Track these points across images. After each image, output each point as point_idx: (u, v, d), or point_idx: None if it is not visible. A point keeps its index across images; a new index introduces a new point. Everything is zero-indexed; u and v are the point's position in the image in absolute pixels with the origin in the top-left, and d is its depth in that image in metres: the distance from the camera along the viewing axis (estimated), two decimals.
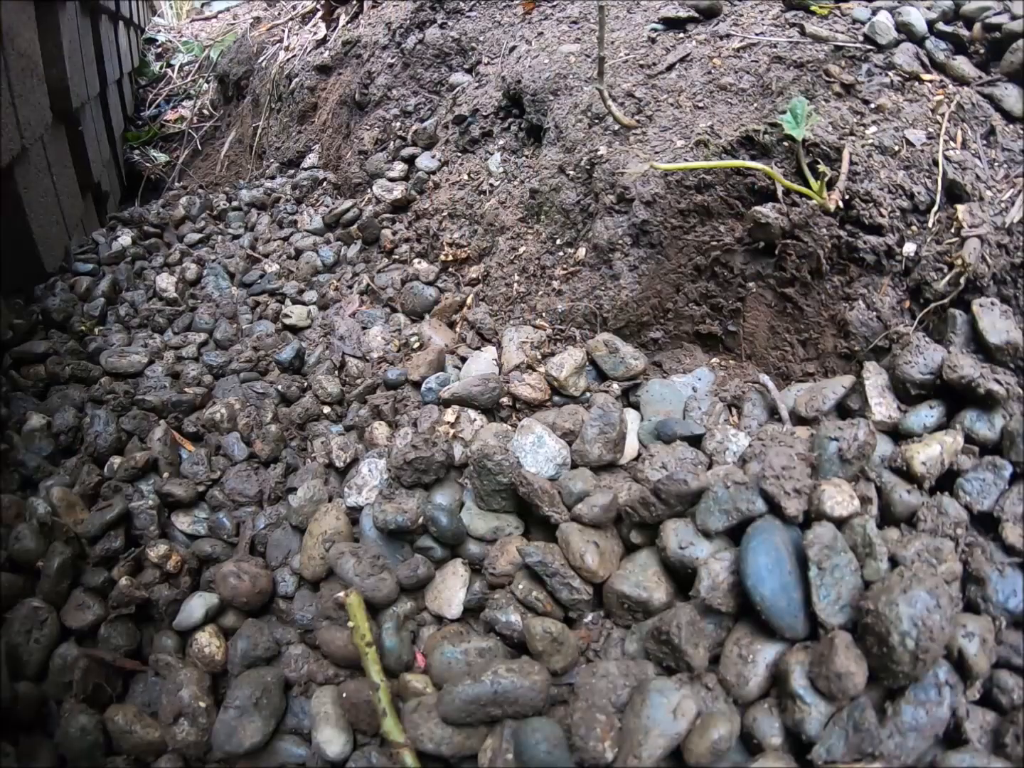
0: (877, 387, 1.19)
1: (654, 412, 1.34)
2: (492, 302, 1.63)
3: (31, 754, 1.07)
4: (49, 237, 2.06)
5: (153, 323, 1.90)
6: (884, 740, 0.83)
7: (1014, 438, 1.07)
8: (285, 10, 3.58)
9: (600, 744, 0.87)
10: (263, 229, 2.34)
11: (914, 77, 1.39)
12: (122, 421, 1.51)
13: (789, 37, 1.50)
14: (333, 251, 2.11)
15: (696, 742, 0.86)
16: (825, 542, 0.92)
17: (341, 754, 1.02)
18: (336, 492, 1.34)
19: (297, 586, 1.24)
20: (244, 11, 4.44)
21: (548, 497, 1.13)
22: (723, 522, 1.01)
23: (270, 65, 3.16)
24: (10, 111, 1.79)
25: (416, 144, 2.22)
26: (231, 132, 3.42)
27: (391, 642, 1.08)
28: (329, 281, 2.01)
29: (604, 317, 1.45)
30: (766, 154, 1.39)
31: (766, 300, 1.42)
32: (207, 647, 1.16)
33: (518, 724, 0.93)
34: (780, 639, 0.93)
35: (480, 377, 1.39)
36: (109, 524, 1.27)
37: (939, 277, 1.24)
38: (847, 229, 1.31)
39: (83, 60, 2.68)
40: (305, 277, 2.05)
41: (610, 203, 1.45)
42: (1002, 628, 0.95)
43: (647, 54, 1.65)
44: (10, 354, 1.66)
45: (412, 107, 2.35)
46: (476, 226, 1.82)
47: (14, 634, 1.14)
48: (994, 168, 1.30)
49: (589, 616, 1.09)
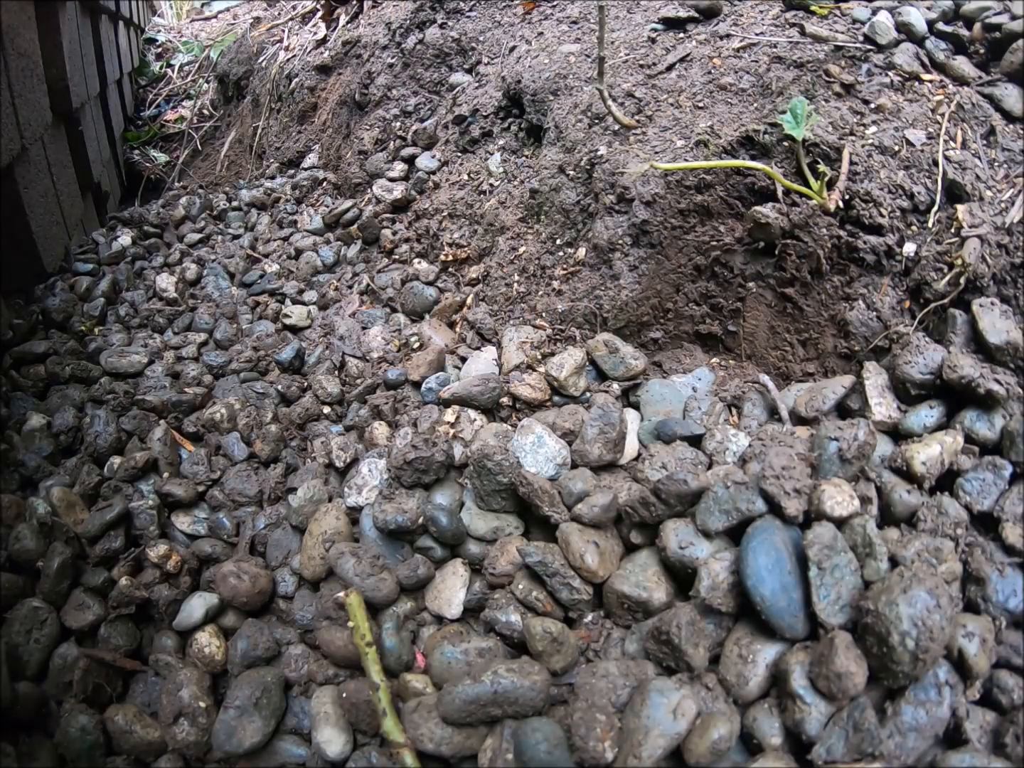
0: (877, 387, 1.19)
1: (654, 412, 1.34)
2: (492, 302, 1.63)
3: (31, 754, 1.08)
4: (49, 237, 2.06)
5: (153, 323, 1.90)
6: (884, 740, 0.83)
7: (1014, 438, 1.07)
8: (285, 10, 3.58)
9: (600, 744, 0.87)
10: (263, 229, 2.34)
11: (914, 77, 1.39)
12: (122, 421, 1.51)
13: (789, 37, 1.50)
14: (333, 251, 2.11)
15: (696, 742, 0.86)
16: (825, 542, 0.92)
17: (341, 754, 1.02)
18: (336, 492, 1.34)
19: (297, 586, 1.24)
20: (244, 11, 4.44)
21: (548, 497, 1.13)
22: (723, 522, 1.01)
23: (270, 65, 3.17)
24: (10, 111, 1.79)
25: (416, 144, 2.22)
26: (231, 132, 3.42)
27: (391, 642, 1.08)
28: (329, 281, 2.01)
29: (604, 317, 1.45)
30: (766, 154, 1.39)
31: (766, 300, 1.42)
32: (207, 647, 1.16)
33: (518, 724, 0.93)
34: (780, 639, 0.93)
35: (480, 377, 1.39)
36: (109, 524, 1.27)
37: (939, 277, 1.24)
38: (847, 229, 1.31)
39: (83, 60, 2.68)
40: (305, 277, 2.05)
41: (610, 203, 1.45)
42: (1002, 628, 0.96)
43: (647, 54, 1.65)
44: (10, 354, 1.66)
45: (412, 107, 2.35)
46: (476, 226, 1.82)
47: (14, 634, 1.14)
48: (994, 168, 1.30)
49: (589, 616, 1.09)
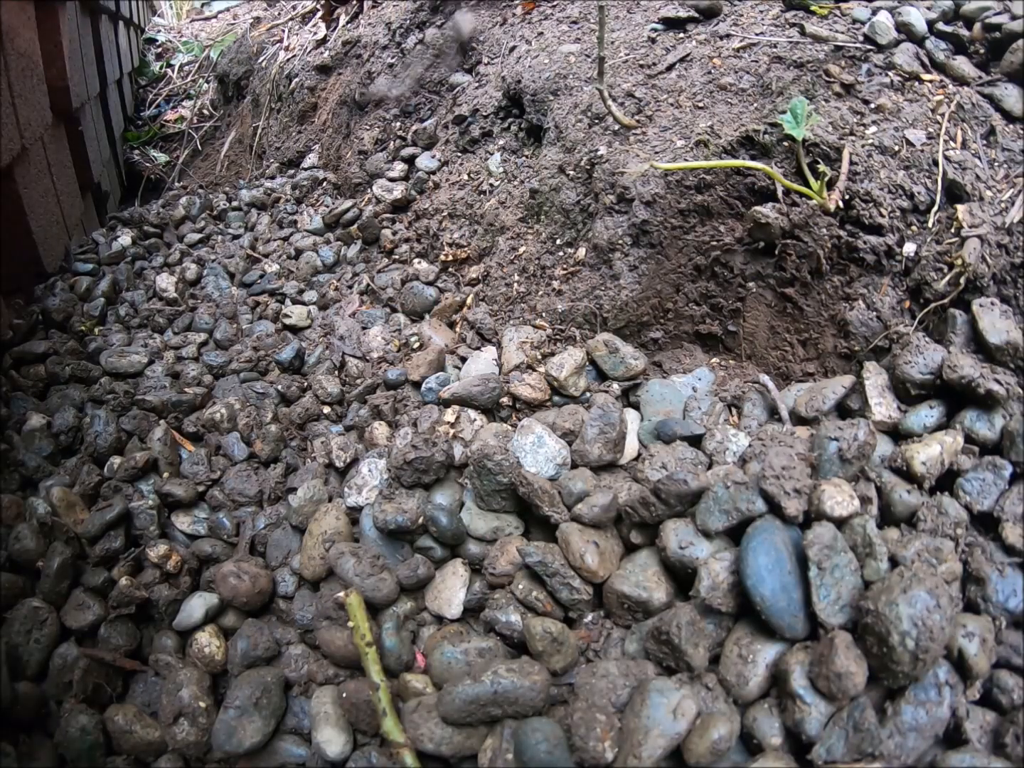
0: (877, 387, 1.19)
1: (654, 412, 1.34)
2: (492, 302, 1.63)
3: (31, 754, 1.08)
4: (49, 237, 2.06)
5: (153, 323, 1.90)
6: (884, 740, 0.83)
7: (1014, 438, 1.07)
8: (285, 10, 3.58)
9: (600, 744, 0.87)
10: (263, 229, 2.34)
11: (914, 77, 1.39)
12: (122, 421, 1.51)
13: (789, 37, 1.50)
14: (333, 251, 2.11)
15: (696, 742, 0.86)
16: (825, 542, 0.92)
17: (341, 754, 1.02)
18: (336, 492, 1.34)
19: (297, 586, 1.24)
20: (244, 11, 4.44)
21: (548, 497, 1.13)
22: (723, 522, 1.01)
23: (270, 65, 3.17)
24: (10, 111, 1.79)
25: (416, 144, 2.22)
26: (231, 132, 3.42)
27: (391, 642, 1.08)
28: (329, 281, 2.01)
29: (604, 317, 1.45)
30: (766, 154, 1.39)
31: (766, 300, 1.42)
32: (207, 647, 1.16)
33: (518, 724, 0.93)
34: (780, 639, 0.93)
35: (480, 377, 1.39)
36: (109, 524, 1.27)
37: (939, 277, 1.24)
38: (847, 229, 1.31)
39: (83, 60, 2.68)
40: (305, 277, 2.05)
41: (610, 203, 1.45)
42: (1002, 628, 0.95)
43: (647, 54, 1.65)
44: (10, 354, 1.66)
45: (412, 107, 2.35)
46: (476, 226, 1.82)
47: (14, 634, 1.14)
48: (994, 168, 1.30)
49: (589, 616, 1.09)
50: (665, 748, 0.86)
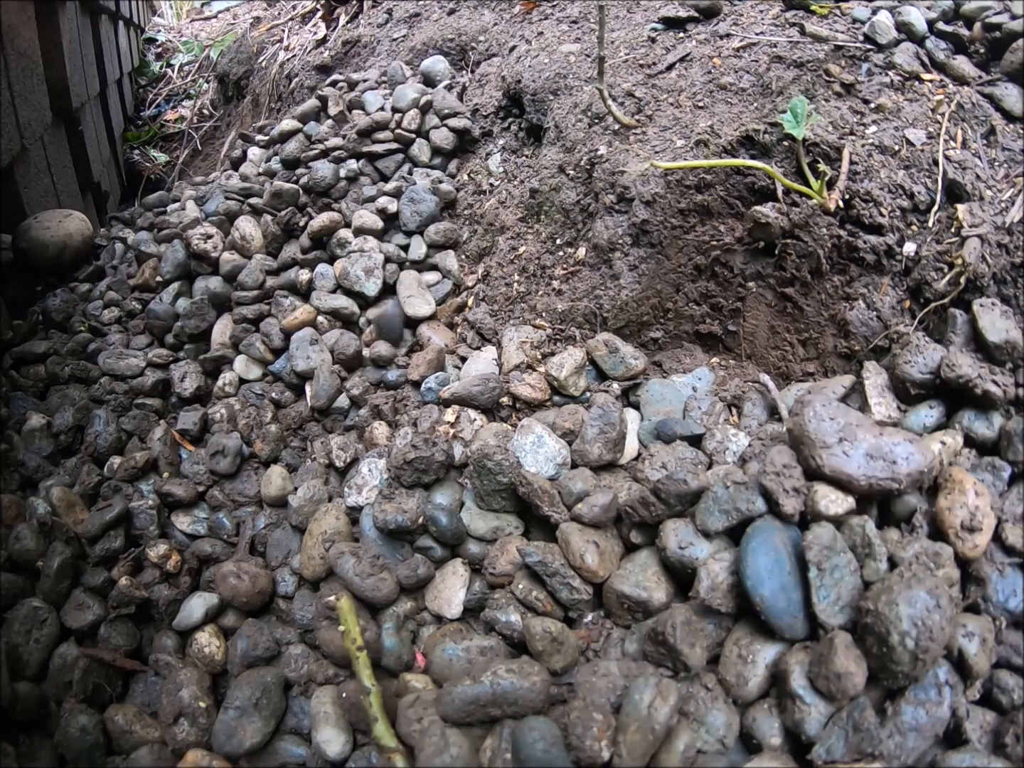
0: (877, 387, 1.19)
1: (654, 412, 1.34)
2: (492, 302, 1.62)
3: (31, 754, 1.08)
4: None
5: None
6: (884, 740, 0.83)
7: (1012, 438, 1.07)
8: (285, 10, 3.57)
9: (597, 743, 0.87)
10: None
11: (914, 77, 1.39)
12: (122, 421, 1.51)
13: (789, 37, 1.50)
14: None
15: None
16: (824, 543, 0.92)
17: (341, 754, 1.02)
18: (336, 492, 1.34)
19: (297, 586, 1.24)
20: (244, 11, 4.43)
21: (548, 497, 1.13)
22: (723, 522, 1.01)
23: (270, 65, 3.16)
24: (10, 111, 1.79)
25: None
26: (231, 132, 3.42)
27: (391, 642, 1.08)
28: None
29: (604, 317, 1.45)
30: (766, 154, 1.39)
31: (766, 300, 1.42)
32: (207, 647, 1.16)
33: (516, 723, 0.93)
34: (780, 639, 0.93)
35: (480, 377, 1.39)
36: (109, 524, 1.27)
37: (939, 277, 1.24)
38: (847, 229, 1.31)
39: (83, 60, 2.68)
40: None
41: (610, 203, 1.45)
42: (1002, 628, 0.95)
43: (647, 54, 1.65)
44: (10, 354, 1.66)
45: None
46: (476, 226, 1.82)
47: (14, 634, 1.14)
48: (994, 168, 1.30)
49: (589, 616, 1.09)
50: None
